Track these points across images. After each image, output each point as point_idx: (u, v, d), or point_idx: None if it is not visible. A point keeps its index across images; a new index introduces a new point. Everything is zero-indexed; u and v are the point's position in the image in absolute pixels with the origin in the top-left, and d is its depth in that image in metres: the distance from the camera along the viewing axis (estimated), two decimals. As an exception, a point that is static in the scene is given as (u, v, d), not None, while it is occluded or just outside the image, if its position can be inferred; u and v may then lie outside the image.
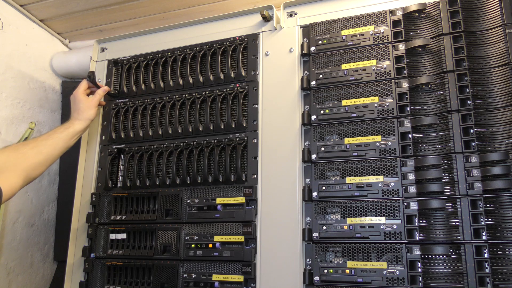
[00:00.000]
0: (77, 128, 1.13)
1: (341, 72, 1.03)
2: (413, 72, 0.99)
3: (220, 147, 1.10)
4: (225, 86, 1.15)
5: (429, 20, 1.00)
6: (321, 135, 1.01)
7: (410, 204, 0.89)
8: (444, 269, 0.86)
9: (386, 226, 0.90)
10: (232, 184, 1.07)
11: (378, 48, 1.01)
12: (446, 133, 0.92)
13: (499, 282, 0.82)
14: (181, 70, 1.22)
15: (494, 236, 0.84)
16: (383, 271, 0.88)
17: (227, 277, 1.00)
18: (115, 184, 1.22)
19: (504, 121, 0.88)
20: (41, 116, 1.61)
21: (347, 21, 1.06)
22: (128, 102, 1.26)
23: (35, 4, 1.51)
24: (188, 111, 1.17)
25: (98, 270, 1.14)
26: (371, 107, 0.98)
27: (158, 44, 1.28)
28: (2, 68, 1.45)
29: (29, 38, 1.58)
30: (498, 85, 0.91)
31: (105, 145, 1.26)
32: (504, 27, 0.92)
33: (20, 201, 1.50)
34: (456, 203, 0.88)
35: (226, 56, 1.17)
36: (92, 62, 1.35)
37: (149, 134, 1.20)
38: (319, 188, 0.97)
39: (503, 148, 0.88)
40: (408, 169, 0.92)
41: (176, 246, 1.07)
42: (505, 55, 0.90)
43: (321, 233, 0.94)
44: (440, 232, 0.88)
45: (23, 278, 1.48)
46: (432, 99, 0.96)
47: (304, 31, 1.11)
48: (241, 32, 1.18)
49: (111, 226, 1.16)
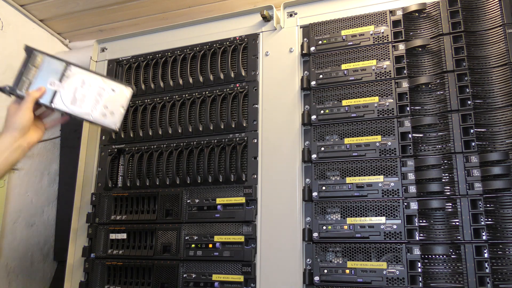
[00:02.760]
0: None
1: (341, 72, 1.03)
2: (413, 72, 0.99)
3: (220, 147, 1.10)
4: (225, 86, 1.15)
5: (429, 20, 1.00)
6: (321, 135, 1.01)
7: (410, 204, 0.89)
8: (444, 269, 0.86)
9: (386, 226, 0.90)
10: (232, 184, 1.07)
11: (378, 48, 1.01)
12: (446, 133, 0.92)
13: (499, 282, 0.82)
14: (181, 70, 1.22)
15: (494, 236, 0.84)
16: (383, 271, 0.88)
17: (227, 277, 1.00)
18: (115, 184, 1.22)
19: (504, 121, 0.88)
20: (41, 116, 1.61)
21: (347, 21, 1.06)
22: (128, 102, 1.26)
23: (35, 4, 1.51)
24: (188, 111, 1.17)
25: (98, 270, 1.14)
26: (371, 107, 0.98)
27: (158, 44, 1.28)
28: (2, 68, 1.45)
29: (29, 38, 1.58)
30: (498, 85, 0.91)
31: (105, 145, 1.26)
32: (504, 27, 0.92)
33: (20, 201, 1.50)
34: (456, 203, 0.88)
35: (226, 56, 1.17)
36: (92, 62, 1.35)
37: (149, 134, 1.20)
38: (319, 188, 0.97)
39: (503, 148, 0.88)
40: (408, 169, 0.92)
41: (176, 246, 1.07)
42: (505, 55, 0.91)
43: (321, 233, 0.94)
44: (440, 232, 0.88)
45: (23, 278, 1.48)
46: (432, 99, 0.96)
47: (304, 31, 1.11)
48: (241, 32, 1.18)
49: (111, 226, 1.16)
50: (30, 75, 0.95)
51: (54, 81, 0.96)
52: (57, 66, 0.97)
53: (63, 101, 0.95)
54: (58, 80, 0.96)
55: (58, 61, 0.97)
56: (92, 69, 1.34)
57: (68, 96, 0.96)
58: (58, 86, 0.96)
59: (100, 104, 0.97)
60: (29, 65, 0.96)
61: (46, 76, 0.96)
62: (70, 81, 0.97)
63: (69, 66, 0.97)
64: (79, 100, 0.96)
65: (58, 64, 0.97)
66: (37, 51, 0.97)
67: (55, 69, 0.97)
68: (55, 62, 0.97)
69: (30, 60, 0.96)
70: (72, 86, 0.96)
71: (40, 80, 0.96)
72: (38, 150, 1.59)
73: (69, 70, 0.97)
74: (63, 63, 0.97)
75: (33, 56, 0.96)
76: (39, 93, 0.94)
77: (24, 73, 0.95)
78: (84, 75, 0.98)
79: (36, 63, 0.96)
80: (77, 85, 0.97)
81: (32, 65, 0.96)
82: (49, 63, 0.97)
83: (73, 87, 0.96)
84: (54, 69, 0.97)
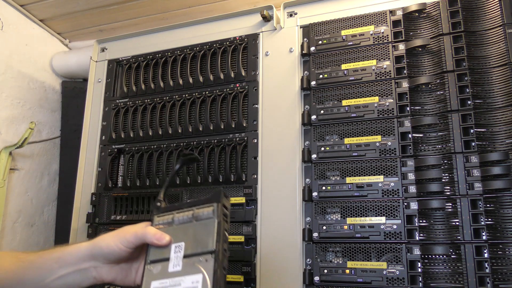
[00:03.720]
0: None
1: (341, 72, 1.03)
2: (413, 72, 0.98)
3: (220, 147, 1.10)
4: (225, 86, 1.15)
5: (429, 20, 1.00)
6: (321, 135, 1.01)
7: (410, 204, 0.89)
8: (444, 269, 0.86)
9: (386, 226, 0.90)
10: (232, 184, 1.07)
11: (378, 48, 1.01)
12: (446, 133, 0.92)
13: (499, 282, 0.82)
14: (181, 70, 1.22)
15: (494, 236, 0.84)
16: (383, 271, 0.88)
17: (227, 277, 1.00)
18: (115, 184, 1.22)
19: (504, 121, 0.88)
20: (41, 116, 1.61)
21: (347, 21, 1.06)
22: (128, 102, 1.26)
23: (35, 4, 1.51)
24: (188, 111, 1.17)
25: (98, 270, 1.14)
26: (371, 107, 0.98)
27: (158, 44, 1.28)
28: (2, 68, 1.45)
29: (29, 38, 1.58)
30: (498, 85, 0.91)
31: (105, 145, 1.26)
32: (504, 27, 0.92)
33: (20, 201, 1.50)
34: (456, 203, 0.87)
35: (226, 56, 1.17)
36: (92, 62, 1.35)
37: (149, 134, 1.20)
38: (319, 188, 0.97)
39: (503, 148, 0.88)
40: (408, 169, 0.92)
41: (176, 246, 1.07)
42: (505, 55, 0.90)
43: (321, 233, 0.94)
44: (440, 232, 0.88)
45: (23, 278, 1.48)
46: (432, 99, 0.96)
47: (304, 31, 1.11)
48: (241, 32, 1.18)
49: (111, 226, 1.16)
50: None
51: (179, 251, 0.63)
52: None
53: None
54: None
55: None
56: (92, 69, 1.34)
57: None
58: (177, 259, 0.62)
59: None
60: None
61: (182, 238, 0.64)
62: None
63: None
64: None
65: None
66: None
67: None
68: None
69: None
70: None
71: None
72: (38, 150, 1.59)
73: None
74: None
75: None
76: (162, 239, 0.63)
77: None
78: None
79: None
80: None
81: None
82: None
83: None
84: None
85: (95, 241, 0.66)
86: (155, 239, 0.63)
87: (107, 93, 1.30)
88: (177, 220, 0.66)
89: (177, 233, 0.64)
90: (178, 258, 0.62)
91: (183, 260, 0.61)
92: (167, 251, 0.63)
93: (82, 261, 0.66)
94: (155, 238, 0.64)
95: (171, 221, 0.66)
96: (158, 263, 0.63)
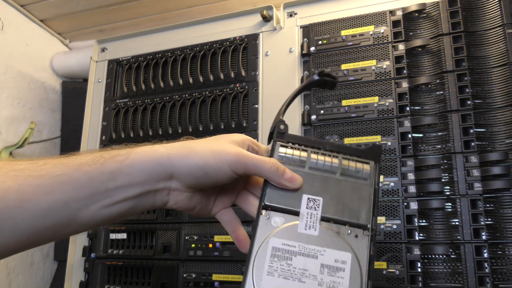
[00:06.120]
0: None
1: (341, 72, 1.03)
2: (413, 72, 0.99)
3: (220, 147, 1.10)
4: (225, 86, 1.15)
5: (429, 20, 1.00)
6: (321, 135, 1.01)
7: (410, 204, 0.90)
8: (444, 269, 0.86)
9: (386, 226, 0.90)
10: (232, 184, 1.07)
11: (378, 48, 1.01)
12: (446, 133, 0.92)
13: (499, 282, 0.82)
14: (181, 70, 1.22)
15: (494, 236, 0.84)
16: (382, 271, 0.88)
17: (227, 277, 1.00)
18: (115, 184, 1.22)
19: (504, 121, 0.88)
20: (41, 116, 1.61)
21: (347, 21, 1.06)
22: (128, 102, 1.26)
23: (35, 4, 1.51)
24: (188, 111, 1.17)
25: (98, 270, 1.14)
26: (371, 107, 0.98)
27: (158, 44, 1.28)
28: (3, 68, 1.45)
29: (29, 38, 1.58)
30: (498, 85, 0.91)
31: (105, 145, 1.26)
32: (504, 27, 0.92)
33: (20, 201, 1.50)
34: (456, 203, 0.88)
35: (226, 56, 1.17)
36: (92, 62, 1.35)
37: (149, 134, 1.20)
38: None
39: (503, 148, 0.88)
40: (408, 169, 0.92)
41: (176, 246, 1.07)
42: (505, 55, 0.91)
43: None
44: (440, 232, 0.88)
45: (23, 277, 1.48)
46: (432, 99, 0.96)
47: (304, 31, 1.11)
48: (241, 32, 1.18)
49: (111, 226, 1.16)
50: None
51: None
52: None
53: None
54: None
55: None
56: (92, 69, 1.34)
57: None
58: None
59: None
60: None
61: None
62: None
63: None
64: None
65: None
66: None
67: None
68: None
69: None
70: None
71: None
72: (38, 150, 1.59)
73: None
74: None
75: None
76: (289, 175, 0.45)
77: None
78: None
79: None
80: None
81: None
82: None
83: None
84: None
85: (182, 153, 0.45)
86: (285, 180, 0.44)
87: (107, 93, 1.30)
88: (313, 162, 0.47)
89: (310, 181, 0.46)
90: (314, 218, 0.44)
91: (320, 223, 0.44)
92: (296, 201, 0.45)
93: (156, 180, 0.44)
94: (285, 178, 0.44)
95: (304, 159, 0.48)
96: (278, 214, 0.45)
